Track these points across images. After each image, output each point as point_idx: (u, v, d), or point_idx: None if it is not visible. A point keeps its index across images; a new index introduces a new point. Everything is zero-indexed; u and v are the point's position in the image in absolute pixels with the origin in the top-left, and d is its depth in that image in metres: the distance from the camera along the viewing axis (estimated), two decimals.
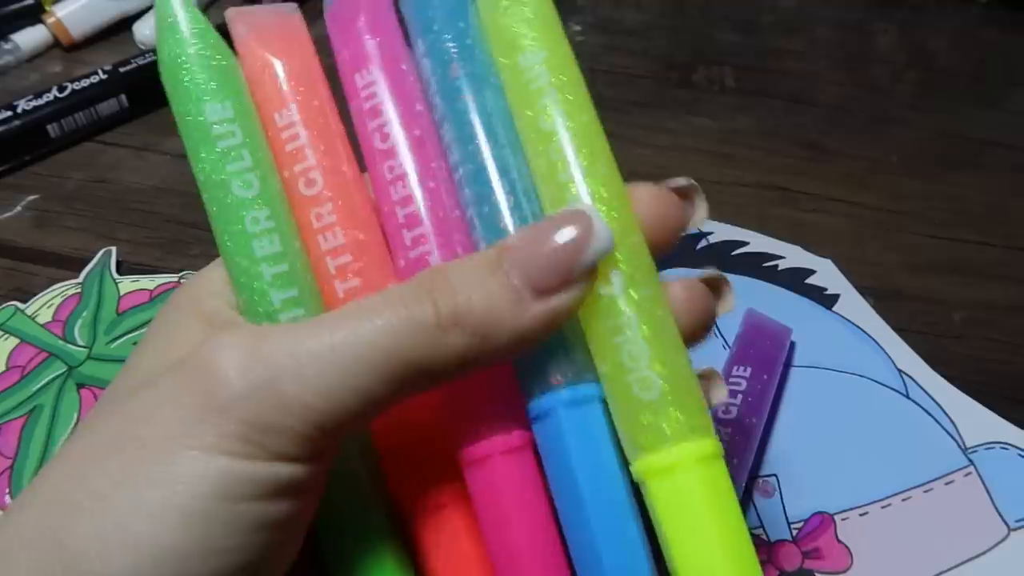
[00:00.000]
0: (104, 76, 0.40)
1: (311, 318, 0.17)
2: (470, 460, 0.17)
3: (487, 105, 0.18)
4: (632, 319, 0.16)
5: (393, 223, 0.18)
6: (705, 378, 0.18)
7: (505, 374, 0.18)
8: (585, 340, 0.17)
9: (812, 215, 0.42)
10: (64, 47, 0.45)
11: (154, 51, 0.42)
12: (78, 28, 0.45)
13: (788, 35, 0.55)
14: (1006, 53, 0.56)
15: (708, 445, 0.16)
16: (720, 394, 0.18)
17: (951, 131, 0.49)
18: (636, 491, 0.17)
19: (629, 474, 0.17)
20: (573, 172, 0.17)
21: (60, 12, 0.44)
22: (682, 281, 0.18)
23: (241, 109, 0.18)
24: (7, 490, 0.28)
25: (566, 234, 0.16)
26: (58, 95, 0.39)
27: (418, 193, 0.18)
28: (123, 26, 0.46)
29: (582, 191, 0.17)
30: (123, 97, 0.41)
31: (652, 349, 0.16)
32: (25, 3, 0.45)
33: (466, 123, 0.18)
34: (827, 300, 0.36)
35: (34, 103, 0.39)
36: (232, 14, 0.19)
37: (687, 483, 0.16)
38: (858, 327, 0.35)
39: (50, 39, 0.45)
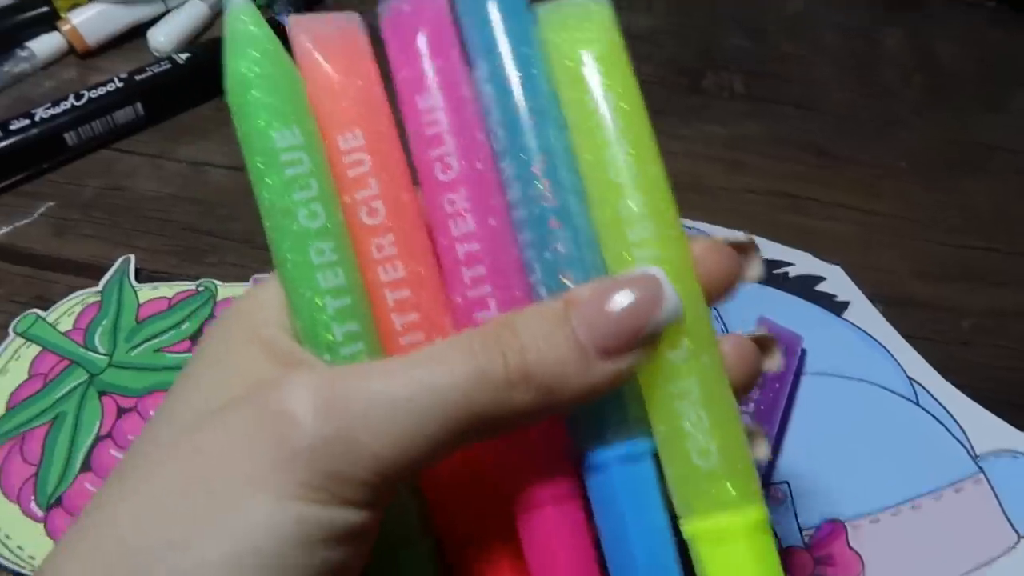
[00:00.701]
0: (120, 84, 0.41)
1: (374, 356, 0.17)
2: (520, 507, 0.17)
3: (550, 143, 0.18)
4: (693, 386, 0.17)
5: (451, 258, 0.18)
6: (752, 435, 0.18)
7: (556, 421, 0.18)
8: (641, 395, 0.17)
9: (822, 222, 0.42)
10: (79, 54, 0.46)
11: (168, 59, 0.43)
12: (93, 35, 0.45)
13: (798, 40, 0.55)
14: (1014, 56, 0.56)
15: (757, 513, 0.17)
16: (761, 452, 0.19)
17: (960, 136, 0.49)
18: (682, 542, 0.17)
19: (676, 526, 0.17)
20: (641, 231, 0.17)
21: (75, 19, 0.45)
22: (732, 339, 0.18)
23: (308, 135, 0.17)
24: (32, 497, 0.29)
25: (636, 297, 0.16)
26: (75, 103, 0.40)
27: (479, 231, 0.18)
28: (137, 33, 0.47)
29: (650, 252, 0.17)
30: (139, 105, 0.41)
31: (711, 418, 0.17)
32: (40, 10, 0.45)
33: (528, 161, 0.18)
34: (837, 307, 0.37)
35: (51, 111, 0.39)
36: (295, 24, 0.18)
37: (737, 550, 0.17)
38: (868, 334, 0.35)
39: (65, 46, 0.45)
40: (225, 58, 0.18)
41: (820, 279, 0.38)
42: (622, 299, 0.16)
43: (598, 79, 0.18)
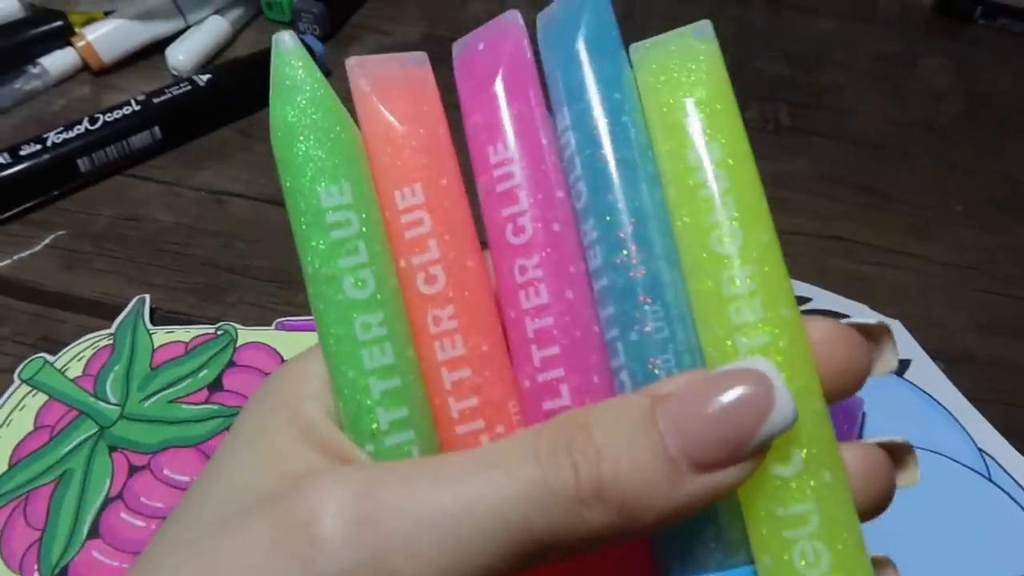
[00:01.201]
0: (137, 107, 0.39)
1: (425, 447, 0.15)
2: None
3: (642, 203, 0.15)
4: (810, 512, 0.14)
5: (520, 333, 0.16)
6: (879, 565, 0.16)
7: (637, 541, 0.16)
8: (738, 511, 0.15)
9: (874, 268, 0.40)
10: (93, 71, 0.44)
11: (188, 80, 0.40)
12: (108, 52, 0.43)
13: (839, 69, 0.53)
14: None
15: None
16: None
17: (1015, 177, 0.47)
18: None
19: None
20: (748, 312, 0.14)
21: (90, 35, 0.43)
22: (858, 448, 0.16)
23: (360, 191, 0.16)
24: (36, 567, 0.27)
25: (740, 398, 0.13)
26: (89, 127, 0.37)
27: (554, 304, 0.15)
28: (154, 50, 0.45)
29: (759, 340, 0.14)
30: (156, 129, 0.39)
31: (833, 555, 0.14)
32: (54, 25, 0.43)
33: (615, 223, 0.15)
34: (898, 367, 0.34)
35: (64, 136, 0.37)
36: (355, 64, 0.16)
37: None
38: (932, 397, 0.33)
39: (79, 63, 0.43)
40: (271, 103, 0.16)
41: None
42: (723, 399, 0.13)
43: (701, 128, 0.15)
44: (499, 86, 0.16)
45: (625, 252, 0.15)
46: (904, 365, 0.34)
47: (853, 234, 0.42)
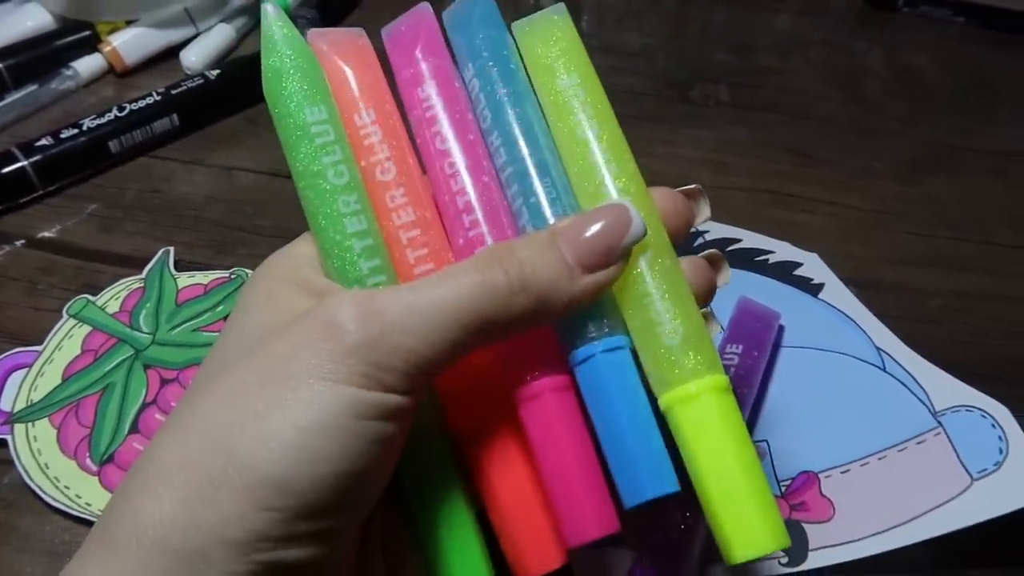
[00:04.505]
0: (158, 97, 0.45)
1: (395, 283, 0.21)
2: (525, 397, 0.21)
3: (528, 117, 0.22)
4: (658, 286, 0.21)
5: (453, 211, 0.22)
6: (705, 317, 0.23)
7: (548, 333, 0.22)
8: (614, 302, 0.21)
9: (800, 215, 0.46)
10: (117, 73, 0.50)
11: (201, 75, 0.47)
12: (131, 56, 0.50)
13: (779, 54, 0.59)
14: (981, 66, 0.60)
15: (719, 380, 0.21)
16: (716, 328, 0.23)
17: (930, 140, 0.52)
18: (662, 421, 0.21)
19: (655, 406, 0.21)
20: (606, 173, 0.21)
21: (115, 42, 0.49)
22: (690, 259, 0.23)
23: (332, 112, 0.21)
24: (87, 454, 0.32)
25: (609, 222, 0.20)
26: (118, 114, 0.44)
27: (472, 184, 0.22)
28: (170, 54, 0.51)
29: (615, 189, 0.21)
30: (175, 116, 0.45)
31: (674, 307, 0.21)
32: (83, 34, 0.49)
33: (511, 131, 0.22)
34: (813, 289, 0.40)
35: (98, 121, 0.43)
36: (313, 34, 0.22)
37: (705, 407, 0.20)
38: (841, 312, 0.39)
39: (105, 66, 0.50)
40: (263, 55, 0.21)
41: (798, 264, 0.41)
42: (600, 224, 0.20)
43: (562, 65, 0.22)
44: (419, 49, 0.23)
45: (520, 148, 0.22)
46: (818, 288, 0.40)
47: (783, 188, 0.48)
